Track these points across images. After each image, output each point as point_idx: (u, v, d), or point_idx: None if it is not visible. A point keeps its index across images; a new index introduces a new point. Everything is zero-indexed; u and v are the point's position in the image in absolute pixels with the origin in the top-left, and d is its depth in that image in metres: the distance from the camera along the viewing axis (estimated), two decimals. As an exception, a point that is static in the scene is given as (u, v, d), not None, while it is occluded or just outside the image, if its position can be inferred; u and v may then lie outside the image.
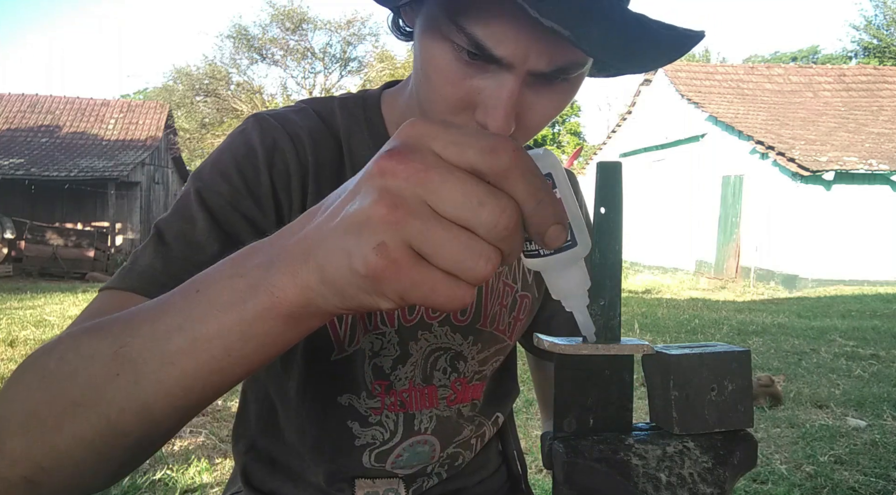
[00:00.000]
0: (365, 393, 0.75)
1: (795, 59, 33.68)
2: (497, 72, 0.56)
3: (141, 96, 37.45)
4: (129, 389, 0.40)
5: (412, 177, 0.32)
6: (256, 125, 0.69)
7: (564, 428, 0.42)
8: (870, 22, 29.10)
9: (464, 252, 0.32)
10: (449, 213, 0.32)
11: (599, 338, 0.42)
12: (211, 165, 0.67)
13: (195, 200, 0.64)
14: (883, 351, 5.39)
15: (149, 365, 0.39)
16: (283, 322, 0.37)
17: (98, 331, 0.43)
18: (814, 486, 2.70)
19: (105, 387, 0.40)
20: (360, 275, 0.33)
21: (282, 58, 25.06)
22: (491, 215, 0.32)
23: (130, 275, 0.59)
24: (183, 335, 0.39)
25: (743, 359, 0.45)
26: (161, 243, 0.62)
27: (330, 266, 0.34)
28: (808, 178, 11.28)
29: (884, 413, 3.67)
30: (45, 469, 0.42)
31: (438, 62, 0.58)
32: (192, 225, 0.63)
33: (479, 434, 0.85)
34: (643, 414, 0.46)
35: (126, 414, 0.40)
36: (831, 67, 18.35)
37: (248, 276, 0.37)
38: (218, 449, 3.09)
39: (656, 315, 7.34)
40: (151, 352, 0.39)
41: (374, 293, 0.34)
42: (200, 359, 0.39)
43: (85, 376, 0.41)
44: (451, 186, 0.32)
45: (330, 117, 0.73)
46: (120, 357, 0.40)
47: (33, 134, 17.57)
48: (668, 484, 0.40)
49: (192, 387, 0.40)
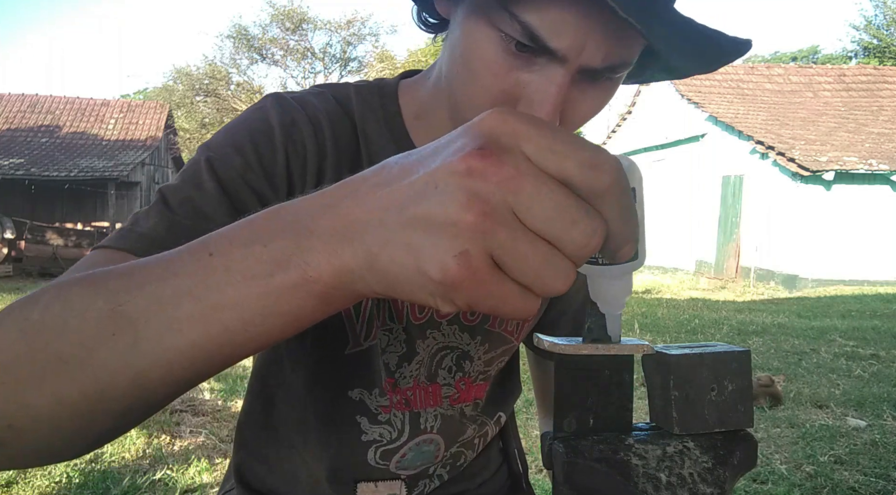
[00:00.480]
0: (377, 390, 0.73)
1: (795, 59, 33.68)
2: (546, 65, 0.54)
3: (141, 96, 37.44)
4: (124, 352, 0.36)
5: (504, 183, 0.30)
6: (275, 103, 0.66)
7: (564, 428, 0.42)
8: (870, 22, 29.09)
9: (545, 268, 0.31)
10: (537, 227, 0.30)
11: (599, 339, 0.42)
12: (224, 137, 0.63)
13: (205, 169, 0.60)
14: (883, 351, 5.39)
15: (151, 329, 0.36)
16: (312, 300, 0.34)
17: (92, 284, 0.38)
18: (814, 486, 2.70)
19: (97, 347, 0.36)
20: (430, 279, 0.31)
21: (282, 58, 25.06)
22: (583, 236, 0.31)
23: (129, 237, 0.55)
24: (194, 301, 0.35)
25: (743, 359, 0.45)
26: (166, 207, 0.57)
27: (387, 258, 0.32)
28: (808, 178, 11.28)
29: (884, 413, 3.67)
30: (15, 428, 0.37)
31: (483, 52, 0.55)
32: (200, 193, 0.59)
33: (481, 433, 0.84)
34: (643, 414, 0.45)
35: (118, 378, 0.36)
36: (831, 67, 18.34)
37: (273, 246, 0.34)
38: (218, 449, 3.09)
39: (656, 315, 7.34)
40: (156, 316, 0.36)
41: (439, 296, 0.32)
42: (212, 330, 0.35)
43: (75, 331, 0.37)
44: (545, 199, 0.30)
45: (347, 103, 0.70)
46: (118, 315, 0.36)
47: (33, 134, 17.56)
48: (668, 484, 0.40)
49: (196, 358, 0.36)
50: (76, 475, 2.71)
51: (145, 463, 2.90)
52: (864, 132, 13.20)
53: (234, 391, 4.02)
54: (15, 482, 2.64)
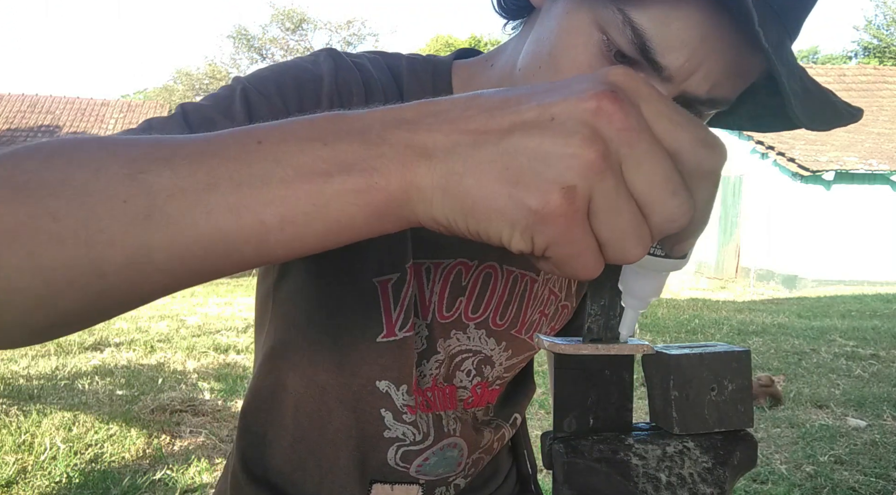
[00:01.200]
0: (406, 387, 0.69)
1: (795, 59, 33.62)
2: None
3: (141, 96, 37.44)
4: (132, 223, 0.31)
5: (626, 133, 0.29)
6: (329, 58, 0.61)
7: (564, 428, 0.42)
8: (870, 22, 29.11)
9: (629, 230, 0.30)
10: (638, 188, 0.29)
11: (599, 339, 0.42)
12: (269, 73, 0.58)
13: (239, 98, 0.54)
14: (883, 351, 5.39)
15: (172, 205, 0.31)
16: (365, 211, 0.31)
17: (110, 145, 0.33)
18: (814, 486, 2.70)
19: (101, 210, 0.31)
20: (524, 207, 0.29)
21: (282, 58, 25.06)
22: (677, 209, 0.30)
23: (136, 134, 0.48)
24: (232, 187, 0.31)
25: (743, 358, 0.45)
26: (185, 122, 0.51)
27: (473, 181, 0.30)
28: (808, 178, 11.29)
29: (884, 413, 3.67)
30: None
31: (577, 53, 0.49)
32: (227, 120, 0.53)
33: (498, 436, 0.81)
34: (643, 414, 0.45)
35: (115, 251, 0.31)
36: (831, 67, 18.35)
37: (336, 147, 0.31)
38: (218, 449, 3.09)
39: (656, 315, 7.34)
40: (182, 192, 0.31)
41: (521, 229, 0.30)
42: (244, 222, 0.31)
43: (77, 188, 0.31)
44: (655, 162, 0.29)
45: (398, 76, 0.65)
46: (136, 182, 0.31)
47: (33, 134, 17.56)
48: (668, 484, 0.40)
49: (214, 250, 0.32)
50: (76, 475, 2.71)
51: (145, 463, 2.90)
52: (864, 132, 13.20)
53: (234, 391, 4.02)
54: (15, 482, 2.65)
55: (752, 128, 0.63)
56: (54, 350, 5.21)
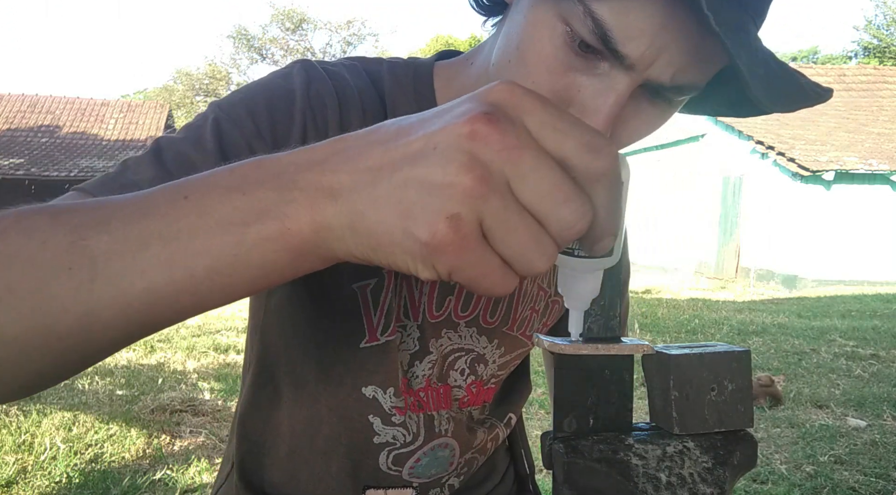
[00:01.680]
0: (393, 389, 0.69)
1: (795, 59, 33.67)
2: (609, 71, 0.49)
3: (141, 96, 37.43)
4: (79, 288, 0.34)
5: (505, 152, 0.30)
6: (302, 71, 0.61)
7: (564, 428, 0.42)
8: (870, 22, 29.11)
9: (530, 244, 0.31)
10: (529, 201, 0.30)
11: (599, 338, 0.42)
12: (241, 96, 0.59)
13: (211, 129, 0.56)
14: (883, 351, 5.39)
15: (111, 267, 0.34)
16: (286, 255, 0.33)
17: (56, 215, 0.36)
18: (814, 486, 2.70)
19: (51, 279, 0.34)
20: (416, 240, 0.30)
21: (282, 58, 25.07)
22: (572, 216, 0.30)
23: (112, 185, 0.51)
24: (162, 244, 0.33)
25: (743, 358, 0.45)
26: (158, 160, 0.53)
27: (374, 217, 0.31)
28: (808, 178, 11.29)
29: (884, 413, 3.67)
30: None
31: (543, 46, 0.50)
32: (197, 151, 0.54)
33: (492, 436, 0.81)
34: (643, 414, 0.45)
35: (68, 315, 0.34)
36: (831, 67, 18.35)
37: (253, 195, 0.33)
38: (218, 449, 3.09)
39: (656, 315, 7.34)
40: (118, 254, 0.34)
41: (421, 260, 0.31)
42: (176, 276, 0.34)
43: (28, 260, 0.34)
44: (542, 174, 0.30)
45: (378, 79, 0.66)
46: (78, 249, 0.34)
47: (33, 134, 17.57)
48: (668, 484, 0.40)
49: (155, 304, 0.34)
50: (76, 475, 2.71)
51: (145, 463, 2.90)
52: (864, 132, 13.20)
53: (234, 391, 4.02)
54: (15, 482, 2.65)
55: (732, 114, 0.63)
56: (54, 350, 5.20)
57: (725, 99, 0.60)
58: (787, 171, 11.54)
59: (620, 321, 0.45)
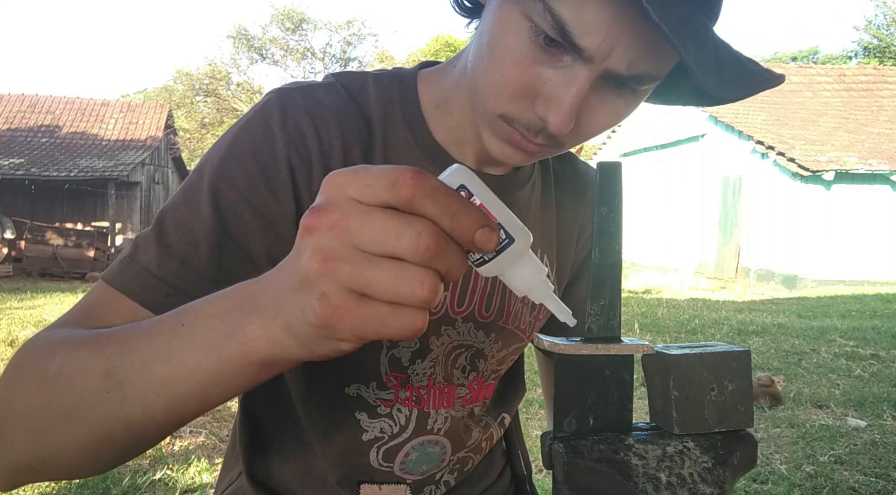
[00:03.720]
0: (375, 383, 0.71)
1: (795, 59, 33.66)
2: (571, 64, 0.54)
3: (141, 96, 37.44)
4: (116, 407, 0.44)
5: (334, 227, 0.35)
6: (277, 103, 0.64)
7: (564, 428, 0.42)
8: (870, 22, 29.10)
9: (398, 281, 0.34)
10: (375, 250, 0.35)
11: (599, 338, 0.42)
12: (228, 149, 0.63)
13: (207, 192, 0.60)
14: (883, 351, 5.39)
15: (135, 389, 0.44)
16: (254, 367, 0.40)
17: (94, 346, 0.47)
18: (814, 486, 2.70)
19: (95, 403, 0.45)
20: (314, 326, 0.36)
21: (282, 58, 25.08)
22: (410, 241, 0.34)
23: (126, 273, 0.58)
24: (166, 366, 0.43)
25: (743, 358, 0.45)
26: (161, 238, 0.60)
27: (292, 321, 0.37)
28: (808, 178, 11.28)
29: (884, 413, 3.67)
30: (44, 460, 0.47)
31: (510, 42, 0.55)
32: (196, 218, 0.60)
33: (487, 436, 0.82)
34: (643, 414, 0.45)
35: (114, 426, 0.45)
36: (831, 67, 18.35)
37: (227, 320, 0.40)
38: (218, 449, 3.08)
39: (656, 315, 7.34)
40: (138, 378, 0.44)
41: (331, 339, 0.36)
42: (179, 390, 0.43)
43: (78, 389, 0.45)
44: (371, 226, 0.35)
45: (361, 94, 0.69)
46: (110, 377, 0.44)
47: (33, 134, 17.56)
48: (668, 484, 0.40)
49: (172, 411, 0.44)
50: (76, 475, 2.71)
51: (145, 463, 2.90)
52: (864, 132, 13.20)
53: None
54: (15, 482, 2.64)
55: (697, 103, 0.67)
56: (54, 350, 5.21)
57: (690, 89, 0.63)
58: (787, 171, 11.53)
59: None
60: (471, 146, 0.70)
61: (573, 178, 0.84)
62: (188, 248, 0.59)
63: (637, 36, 0.51)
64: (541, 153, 0.62)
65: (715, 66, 0.51)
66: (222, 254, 0.60)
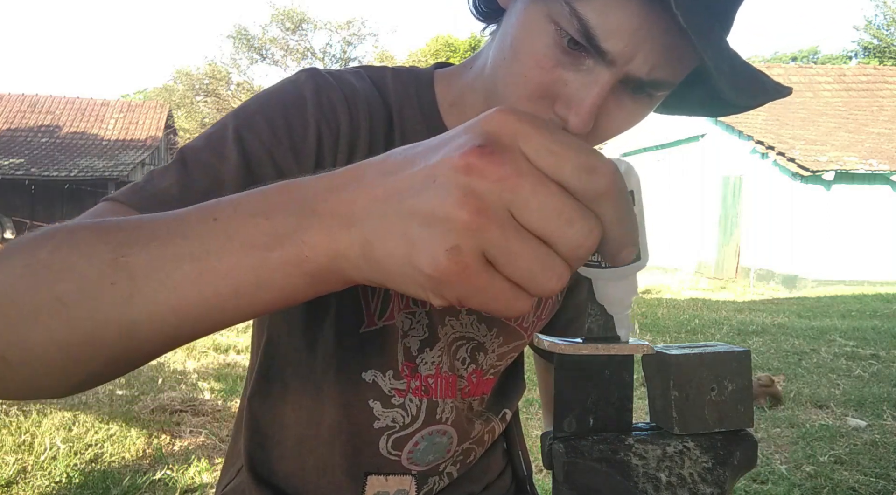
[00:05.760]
0: (392, 372, 0.72)
1: (795, 59, 33.66)
2: (593, 67, 0.55)
3: (141, 96, 37.43)
4: (120, 302, 0.37)
5: (502, 182, 0.30)
6: (310, 78, 0.65)
7: (564, 428, 0.42)
8: (870, 22, 29.11)
9: (538, 266, 0.31)
10: (534, 226, 0.31)
11: (599, 338, 0.42)
12: (256, 105, 0.62)
13: (232, 138, 0.59)
14: (883, 351, 5.39)
15: (148, 283, 0.37)
16: (305, 279, 0.35)
17: (101, 231, 0.40)
18: (814, 486, 2.70)
19: (95, 293, 0.37)
20: (421, 272, 0.31)
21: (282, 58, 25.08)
22: (578, 235, 0.31)
23: (141, 194, 0.54)
24: (192, 263, 0.36)
25: (743, 358, 0.45)
26: (184, 170, 0.57)
27: (383, 248, 0.33)
28: (808, 178, 11.28)
29: (884, 413, 3.67)
30: (7, 360, 0.39)
31: (534, 43, 0.56)
32: (221, 161, 0.58)
33: (489, 429, 0.84)
34: (643, 414, 0.45)
35: (110, 325, 0.38)
36: (831, 67, 18.35)
37: (275, 220, 0.35)
38: (218, 449, 3.08)
39: (656, 315, 7.34)
40: (154, 271, 0.37)
41: (429, 290, 0.32)
42: (205, 293, 0.36)
43: (77, 275, 0.38)
44: (543, 199, 0.31)
45: (383, 86, 0.70)
46: (119, 265, 0.37)
47: (33, 134, 17.57)
48: (668, 484, 0.40)
49: (186, 318, 0.37)
50: (76, 475, 2.71)
51: (145, 463, 2.90)
52: (864, 132, 13.20)
53: (234, 391, 4.02)
54: (15, 482, 2.65)
55: (704, 114, 0.69)
56: (54, 350, 5.20)
57: (697, 99, 0.65)
58: (787, 171, 11.53)
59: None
60: None
61: None
62: (214, 186, 0.56)
63: (659, 42, 0.53)
64: None
65: (731, 73, 0.53)
66: None
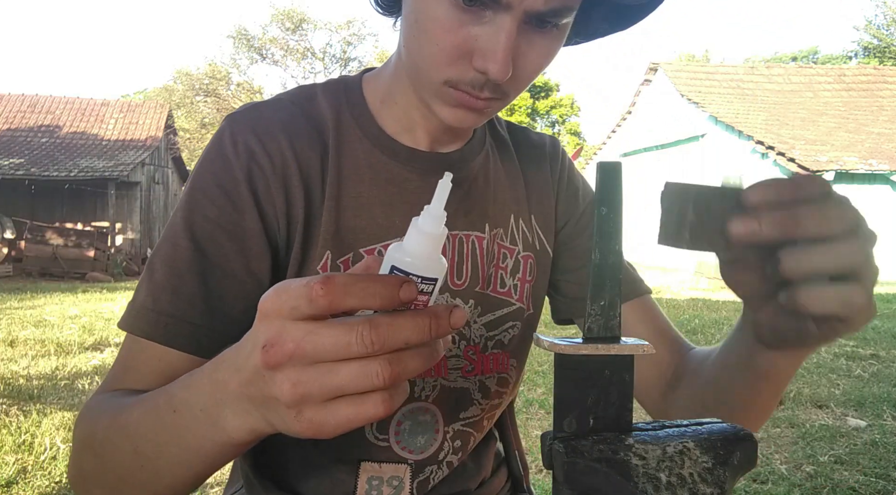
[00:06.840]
0: None
1: (795, 59, 33.67)
2: (493, 17, 0.58)
3: (141, 96, 37.44)
4: (152, 476, 0.54)
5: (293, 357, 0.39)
6: (228, 130, 0.70)
7: (564, 428, 0.42)
8: (870, 22, 29.11)
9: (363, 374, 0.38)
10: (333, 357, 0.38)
11: (599, 338, 0.42)
12: (192, 186, 0.69)
13: (182, 227, 0.67)
14: (883, 351, 5.39)
15: (160, 464, 0.53)
16: (242, 446, 0.48)
17: (121, 427, 0.56)
18: (814, 486, 2.70)
19: (136, 473, 0.55)
20: (298, 433, 0.41)
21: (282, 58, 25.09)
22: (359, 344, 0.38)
23: (131, 315, 0.66)
24: (175, 449, 0.51)
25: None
26: (150, 276, 0.67)
27: (275, 422, 0.43)
28: (808, 178, 11.28)
29: (884, 413, 3.67)
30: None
31: (435, 12, 0.59)
32: (176, 251, 0.66)
33: (489, 415, 0.82)
34: (643, 415, 0.45)
35: (159, 486, 0.55)
36: (831, 67, 18.35)
37: (208, 412, 0.47)
38: (218, 449, 3.08)
39: (656, 315, 7.33)
40: (158, 456, 0.53)
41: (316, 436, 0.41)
42: (193, 464, 0.51)
43: (122, 463, 0.56)
44: (322, 344, 0.38)
45: (309, 104, 0.74)
46: (139, 455, 0.54)
47: (33, 134, 17.57)
48: (668, 485, 0.40)
49: (199, 473, 0.53)
50: (76, 475, 2.71)
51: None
52: (864, 132, 13.20)
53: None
54: (15, 482, 2.65)
55: (612, 29, 0.72)
56: (54, 350, 5.21)
57: (601, 15, 0.69)
58: (787, 171, 11.54)
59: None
60: (421, 129, 0.75)
61: (530, 144, 0.89)
62: (175, 279, 0.65)
63: None
64: (490, 108, 0.66)
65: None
66: (206, 279, 0.66)
